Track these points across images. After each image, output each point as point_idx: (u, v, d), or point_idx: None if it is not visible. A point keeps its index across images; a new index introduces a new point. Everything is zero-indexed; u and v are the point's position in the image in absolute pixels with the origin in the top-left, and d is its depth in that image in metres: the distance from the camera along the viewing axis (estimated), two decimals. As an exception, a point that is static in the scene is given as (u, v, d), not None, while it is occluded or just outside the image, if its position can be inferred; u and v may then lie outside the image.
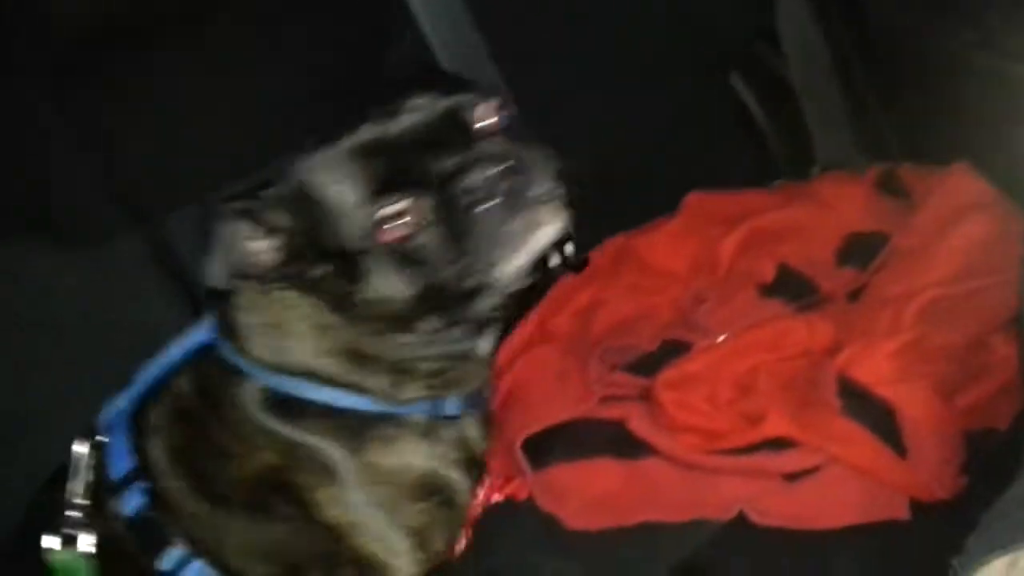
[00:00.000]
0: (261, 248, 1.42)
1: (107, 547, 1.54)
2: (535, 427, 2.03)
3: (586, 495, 1.95)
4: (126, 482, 1.52)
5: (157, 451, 1.55)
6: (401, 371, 1.53)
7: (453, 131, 1.42)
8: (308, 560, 1.53)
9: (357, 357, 1.52)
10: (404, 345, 1.51)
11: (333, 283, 1.44)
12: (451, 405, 1.59)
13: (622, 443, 1.99)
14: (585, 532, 1.93)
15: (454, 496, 1.62)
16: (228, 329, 1.55)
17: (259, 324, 1.54)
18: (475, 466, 1.69)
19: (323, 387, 1.51)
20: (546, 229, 1.42)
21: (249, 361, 1.52)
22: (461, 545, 1.95)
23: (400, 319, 1.45)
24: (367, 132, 1.41)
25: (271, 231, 1.43)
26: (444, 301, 1.44)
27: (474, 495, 1.72)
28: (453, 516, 1.63)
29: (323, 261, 1.43)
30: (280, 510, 1.51)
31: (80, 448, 1.58)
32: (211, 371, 1.55)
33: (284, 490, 1.50)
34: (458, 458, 1.61)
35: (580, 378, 2.11)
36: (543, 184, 1.40)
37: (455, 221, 1.37)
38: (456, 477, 1.63)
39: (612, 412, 2.03)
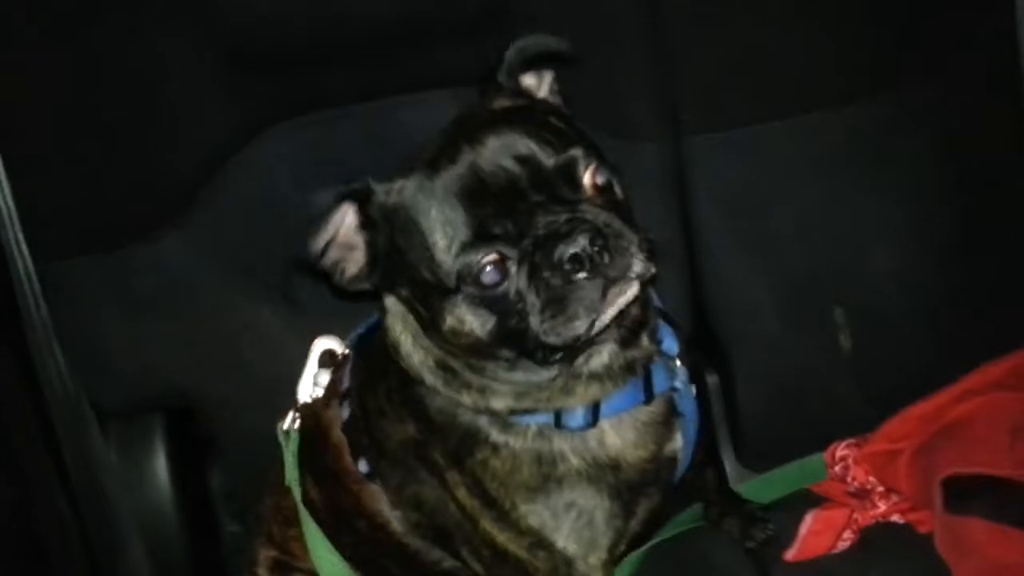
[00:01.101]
0: (356, 235, 1.45)
1: (315, 435, 1.75)
2: (966, 469, 1.92)
3: (990, 559, 1.83)
4: (346, 394, 1.71)
5: (356, 381, 1.71)
6: (481, 389, 1.50)
7: (565, 187, 1.36)
8: (454, 528, 1.61)
9: (449, 370, 1.52)
10: (482, 368, 1.48)
11: (414, 304, 1.45)
12: (573, 417, 1.50)
13: (1053, 525, 1.81)
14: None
15: (579, 506, 1.53)
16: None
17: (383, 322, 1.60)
18: (616, 477, 1.54)
19: (435, 393, 1.54)
20: (627, 298, 1.36)
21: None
22: (846, 543, 1.97)
23: (474, 349, 1.43)
24: (469, 165, 1.35)
25: (366, 226, 1.44)
26: (518, 343, 1.40)
27: (627, 505, 1.59)
28: (583, 526, 1.54)
29: (406, 282, 1.44)
30: (423, 476, 1.60)
31: (323, 347, 1.82)
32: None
33: (426, 461, 1.58)
34: (582, 469, 1.52)
35: (1036, 441, 1.93)
36: (633, 259, 1.34)
37: (542, 282, 1.32)
38: (578, 492, 1.53)
39: (1057, 491, 1.85)
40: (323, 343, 1.85)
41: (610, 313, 1.36)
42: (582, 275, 1.31)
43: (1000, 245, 2.17)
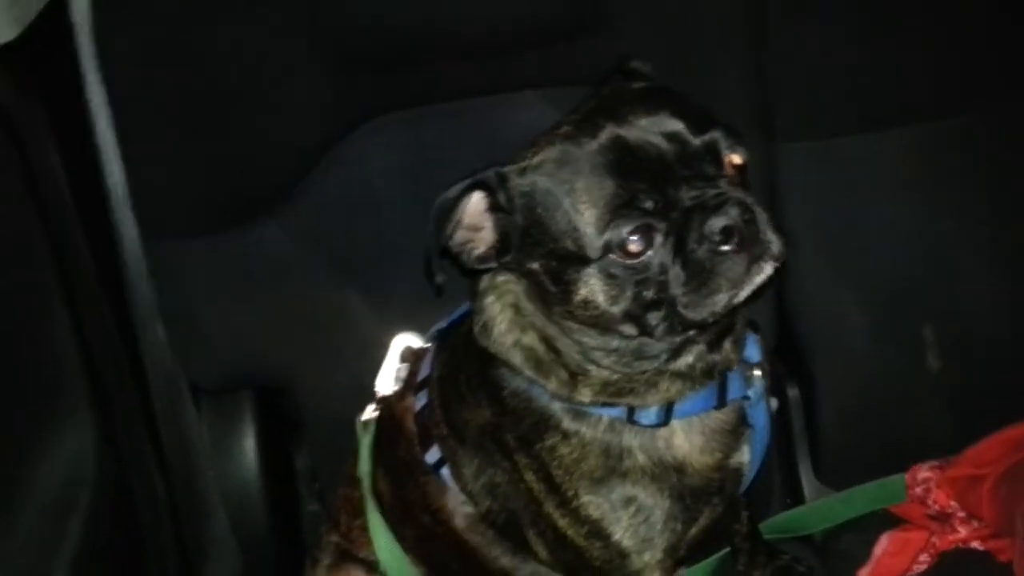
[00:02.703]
0: (486, 216, 1.46)
1: (390, 425, 1.80)
2: (1053, 499, 1.87)
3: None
4: (424, 385, 1.75)
5: (435, 373, 1.75)
6: (575, 374, 1.51)
7: (709, 165, 1.36)
8: (522, 510, 1.63)
9: (541, 354, 1.53)
10: (592, 349, 1.49)
11: (541, 279, 1.46)
12: (646, 414, 1.52)
13: None
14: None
15: (640, 503, 1.54)
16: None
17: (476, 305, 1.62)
18: (680, 480, 1.55)
19: (516, 376, 1.56)
20: (763, 277, 1.36)
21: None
22: (922, 566, 1.94)
23: (600, 323, 1.44)
24: (616, 138, 1.37)
25: (495, 209, 1.46)
26: (648, 318, 1.40)
27: (686, 513, 1.58)
28: (641, 523, 1.54)
29: (539, 256, 1.44)
30: (497, 459, 1.62)
31: (404, 343, 1.86)
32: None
33: (501, 443, 1.61)
34: (647, 467, 1.53)
35: None
36: (769, 238, 1.35)
37: (684, 256, 1.34)
38: (640, 488, 1.54)
39: None
40: (404, 339, 1.90)
41: (748, 290, 1.38)
42: (729, 247, 1.34)
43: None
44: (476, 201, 1.47)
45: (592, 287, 1.40)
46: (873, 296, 2.13)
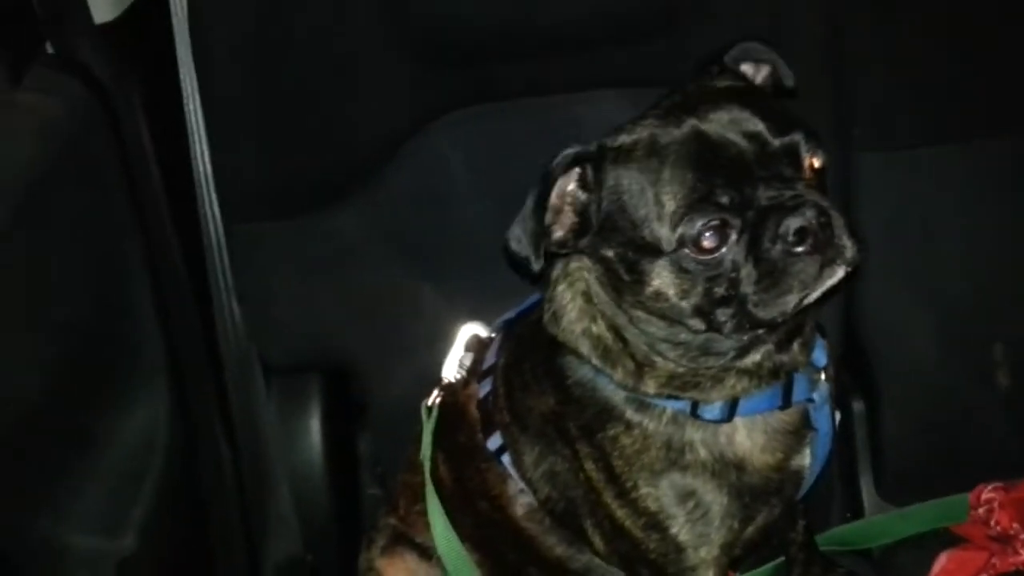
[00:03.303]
0: (572, 198, 1.46)
1: (453, 412, 1.82)
2: (1120, 528, 1.83)
3: None
4: (489, 373, 1.76)
5: (501, 361, 1.76)
6: (641, 365, 1.51)
7: (787, 167, 1.36)
8: (581, 499, 1.64)
9: (609, 343, 1.54)
10: (659, 341, 1.49)
11: (615, 266, 1.46)
12: (710, 409, 1.52)
13: None
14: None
15: (699, 498, 1.54)
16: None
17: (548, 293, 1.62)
18: (740, 478, 1.55)
19: (582, 365, 1.57)
20: (835, 280, 1.36)
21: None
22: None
23: (670, 315, 1.44)
24: (699, 134, 1.38)
25: (584, 188, 1.46)
26: (717, 314, 1.40)
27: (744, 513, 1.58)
28: (698, 518, 1.55)
29: (611, 241, 1.45)
30: (559, 448, 1.63)
31: (471, 332, 1.87)
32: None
33: (563, 432, 1.62)
34: (708, 463, 1.53)
35: None
36: (845, 242, 1.35)
37: (757, 255, 1.34)
38: (699, 483, 1.54)
39: None
40: (471, 328, 1.92)
41: (819, 292, 1.38)
42: (803, 248, 1.34)
43: None
44: (566, 181, 1.48)
45: (664, 279, 1.42)
46: (943, 311, 2.10)
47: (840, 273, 1.38)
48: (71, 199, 1.78)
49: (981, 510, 2.02)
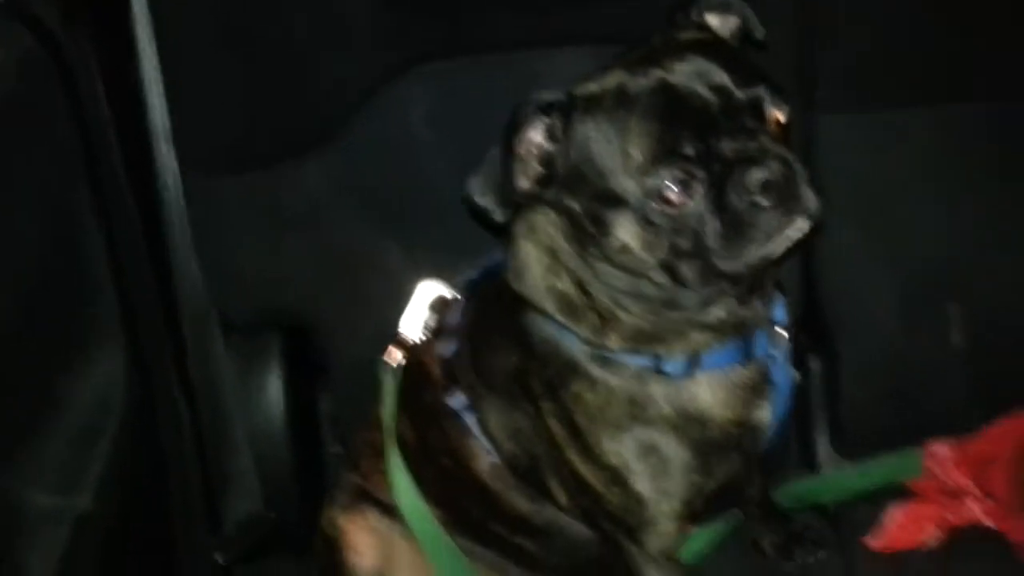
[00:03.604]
0: (538, 148, 1.45)
1: (416, 371, 1.82)
2: (1068, 482, 1.89)
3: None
4: (452, 332, 1.77)
5: (463, 319, 1.76)
6: (605, 320, 1.52)
7: (752, 119, 1.37)
8: (544, 456, 1.66)
9: (574, 299, 1.54)
10: (623, 294, 1.50)
11: (580, 218, 1.46)
12: (673, 364, 1.53)
13: None
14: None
15: (660, 453, 1.56)
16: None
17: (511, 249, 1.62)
18: (701, 432, 1.57)
19: (546, 322, 1.57)
20: (800, 233, 1.37)
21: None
22: (932, 539, 1.96)
23: (634, 268, 1.45)
24: (663, 83, 1.38)
25: (550, 138, 1.45)
26: (681, 267, 1.41)
27: (704, 465, 1.60)
28: (660, 472, 1.57)
29: (576, 193, 1.45)
30: (522, 405, 1.65)
31: (431, 290, 1.86)
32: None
33: (527, 389, 1.63)
34: (670, 418, 1.55)
35: None
36: (807, 195, 1.36)
37: (722, 207, 1.35)
38: (661, 437, 1.56)
39: None
40: (431, 286, 1.91)
41: (783, 245, 1.39)
42: (767, 201, 1.35)
43: None
44: (532, 129, 1.46)
45: (629, 231, 1.42)
46: (901, 272, 2.13)
47: (803, 226, 1.39)
48: (21, 152, 1.74)
49: (934, 466, 2.06)
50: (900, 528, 1.98)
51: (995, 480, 1.98)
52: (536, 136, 1.47)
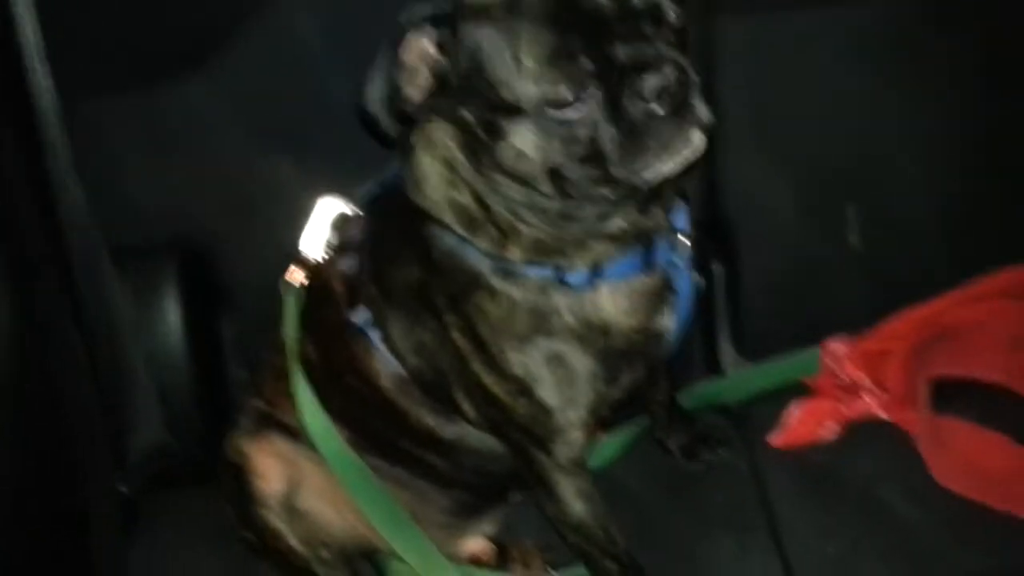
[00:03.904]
0: (428, 58, 1.42)
1: (316, 289, 1.79)
2: (956, 372, 1.96)
3: (967, 459, 1.88)
4: (352, 247, 1.73)
5: (363, 235, 1.74)
6: (505, 232, 1.52)
7: (648, 25, 1.36)
8: (449, 369, 1.66)
9: (473, 212, 1.53)
10: (519, 205, 1.49)
11: (473, 128, 1.45)
12: (575, 275, 1.53)
13: (1034, 433, 1.86)
14: (945, 490, 1.88)
15: (565, 362, 1.57)
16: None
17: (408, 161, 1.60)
18: (605, 341, 1.57)
19: (446, 235, 1.56)
20: (691, 143, 1.36)
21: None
22: (831, 434, 2.03)
23: (528, 179, 1.44)
24: None
25: (441, 49, 1.42)
26: (570, 178, 1.41)
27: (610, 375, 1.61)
28: (565, 382, 1.58)
29: (470, 103, 1.43)
30: (425, 319, 1.64)
31: (330, 207, 1.81)
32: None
33: (429, 303, 1.62)
34: (574, 328, 1.55)
35: (1033, 352, 1.96)
36: (698, 104, 1.35)
37: (617, 114, 1.34)
38: (566, 347, 1.56)
39: (1042, 400, 1.90)
40: (330, 202, 1.86)
41: (677, 155, 1.37)
42: (663, 109, 1.33)
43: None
44: (420, 40, 1.42)
45: (524, 139, 1.39)
46: (800, 174, 2.16)
47: (696, 138, 1.37)
48: None
49: (831, 362, 2.12)
50: (800, 424, 2.04)
51: (889, 374, 2.05)
52: (425, 47, 1.42)
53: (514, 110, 1.38)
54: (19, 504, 1.78)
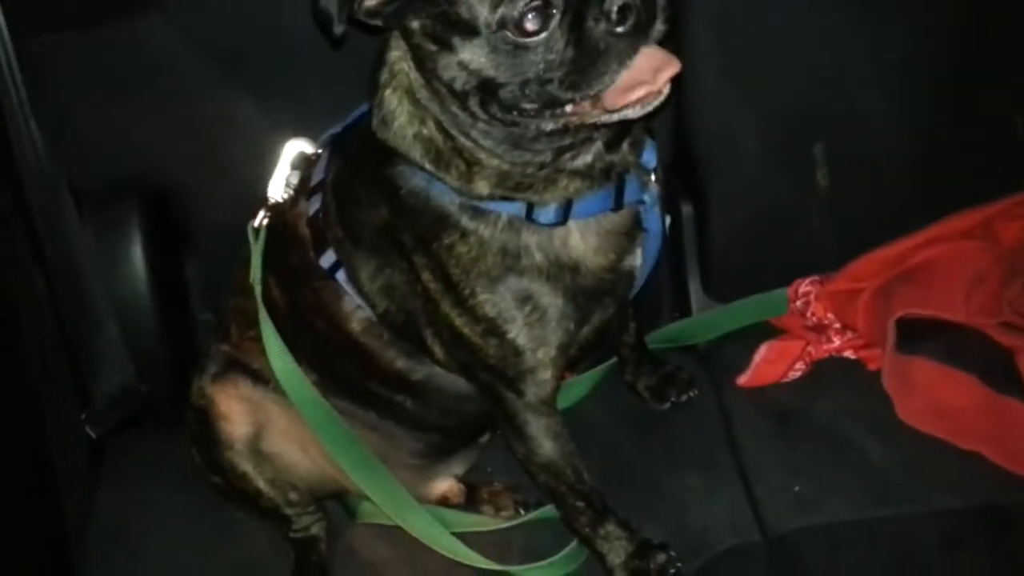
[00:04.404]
0: None
1: (282, 232, 1.78)
2: (921, 311, 1.98)
3: (933, 398, 1.91)
4: (317, 189, 1.72)
5: (329, 176, 1.72)
6: (471, 164, 1.51)
7: None
8: (419, 310, 1.65)
9: (440, 145, 1.51)
10: (469, 128, 1.47)
11: (419, 40, 1.42)
12: (544, 212, 1.52)
13: (998, 372, 1.89)
14: (911, 429, 1.91)
15: (535, 301, 1.57)
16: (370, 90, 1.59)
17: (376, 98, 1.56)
18: (574, 280, 1.58)
19: (414, 173, 1.55)
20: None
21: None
22: (798, 373, 2.05)
23: (479, 91, 1.41)
24: None
25: None
26: (501, 96, 1.39)
27: (581, 312, 1.61)
28: (535, 321, 1.57)
29: (426, 15, 1.39)
30: (394, 260, 1.63)
31: (296, 149, 1.80)
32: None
33: (398, 244, 1.61)
34: (543, 267, 1.55)
35: (995, 290, 1.97)
36: (662, 27, 1.35)
37: (579, 35, 1.32)
38: (536, 286, 1.56)
39: (1005, 339, 1.92)
40: (296, 144, 1.83)
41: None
42: (624, 27, 1.31)
43: (995, 96, 2.15)
44: None
45: (475, 56, 1.37)
46: (769, 114, 2.14)
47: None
48: None
49: (798, 303, 2.13)
50: (766, 364, 2.05)
51: (855, 313, 2.07)
52: None
53: (470, 29, 1.35)
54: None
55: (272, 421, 1.84)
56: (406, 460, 1.89)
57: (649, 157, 1.64)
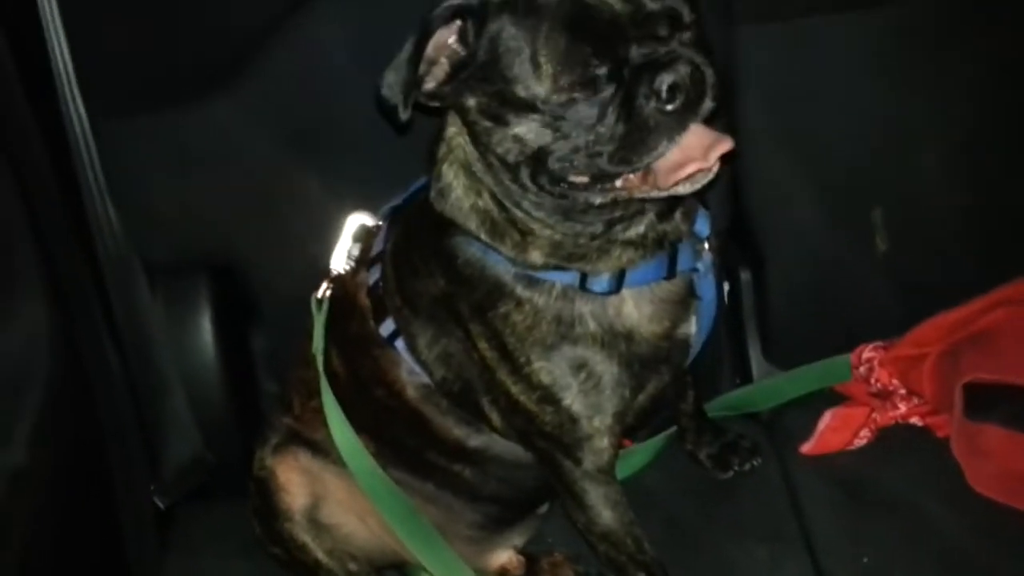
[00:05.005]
0: (447, 49, 1.45)
1: (343, 302, 1.81)
2: (988, 376, 1.94)
3: (1005, 465, 1.86)
4: (377, 260, 1.76)
5: (388, 246, 1.76)
6: (525, 234, 1.54)
7: (665, 27, 1.39)
8: (476, 378, 1.68)
9: (495, 216, 1.55)
10: (521, 198, 1.51)
11: (475, 116, 1.47)
12: (598, 281, 1.55)
13: (1074, 440, 1.83)
14: (983, 497, 1.86)
15: (590, 369, 1.58)
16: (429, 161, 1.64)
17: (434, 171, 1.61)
18: (629, 348, 1.58)
19: (470, 244, 1.58)
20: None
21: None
22: (863, 441, 2.01)
23: (516, 167, 1.46)
24: None
25: (462, 41, 1.45)
26: (551, 167, 1.43)
27: (636, 378, 1.61)
28: (591, 389, 1.59)
29: (483, 94, 1.44)
30: (451, 329, 1.66)
31: (358, 222, 1.85)
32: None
33: (454, 313, 1.64)
34: (598, 335, 1.57)
35: (1068, 356, 1.93)
36: (711, 105, 1.37)
37: (630, 113, 1.36)
38: (590, 354, 1.57)
39: (1082, 406, 1.87)
40: (358, 218, 1.89)
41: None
42: (674, 105, 1.35)
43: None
44: (444, 32, 1.45)
45: (528, 129, 1.42)
46: (825, 179, 2.15)
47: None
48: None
49: (862, 368, 2.11)
50: (831, 431, 2.02)
51: (921, 379, 2.03)
52: (448, 38, 1.46)
53: (526, 107, 1.40)
54: (57, 515, 1.81)
55: (331, 492, 1.86)
56: (464, 532, 1.89)
57: (702, 226, 1.65)
